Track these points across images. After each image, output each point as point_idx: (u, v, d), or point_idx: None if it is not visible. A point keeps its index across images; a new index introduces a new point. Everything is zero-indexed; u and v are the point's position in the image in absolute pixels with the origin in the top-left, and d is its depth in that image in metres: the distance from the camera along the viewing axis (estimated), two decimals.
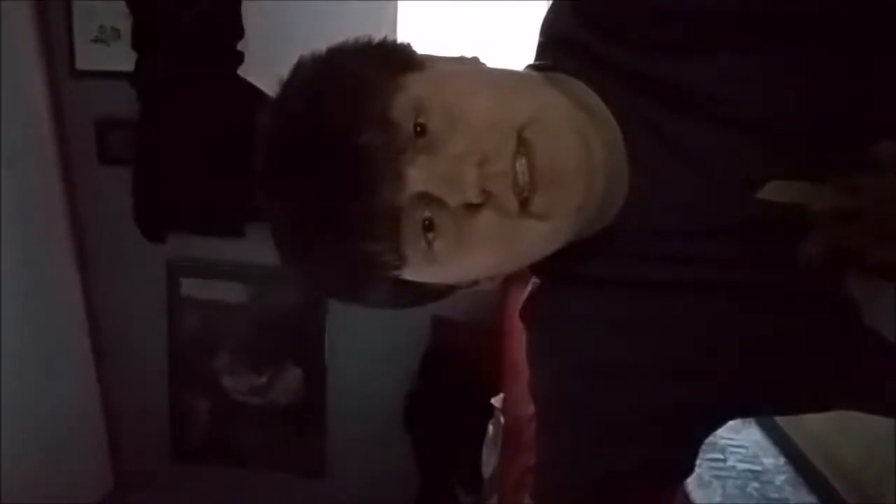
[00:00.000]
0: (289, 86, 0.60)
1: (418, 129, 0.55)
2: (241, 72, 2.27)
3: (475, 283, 0.65)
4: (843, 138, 0.56)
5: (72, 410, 2.50)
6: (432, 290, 0.64)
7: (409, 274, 0.59)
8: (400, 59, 0.60)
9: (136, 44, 2.30)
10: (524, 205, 0.54)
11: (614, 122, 0.60)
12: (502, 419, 1.74)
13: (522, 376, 1.62)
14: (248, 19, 2.25)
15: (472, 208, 0.54)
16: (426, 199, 0.55)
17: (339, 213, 0.55)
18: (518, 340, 1.76)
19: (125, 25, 2.29)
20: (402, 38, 0.64)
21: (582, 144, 0.55)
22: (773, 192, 0.57)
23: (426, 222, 0.55)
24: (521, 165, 0.53)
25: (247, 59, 2.27)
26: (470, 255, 0.57)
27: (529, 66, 0.67)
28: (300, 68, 0.60)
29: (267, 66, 2.37)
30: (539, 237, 0.57)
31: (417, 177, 0.54)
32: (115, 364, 2.64)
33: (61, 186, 2.44)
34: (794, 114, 0.56)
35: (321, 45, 0.61)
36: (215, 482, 2.63)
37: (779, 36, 0.56)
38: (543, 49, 0.67)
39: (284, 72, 0.61)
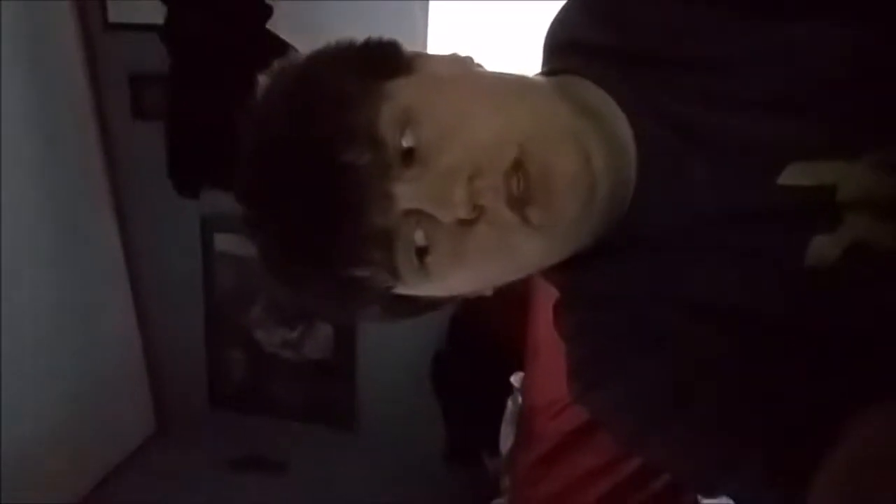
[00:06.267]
0: (268, 99, 0.58)
1: (405, 143, 0.52)
2: (269, 25, 2.22)
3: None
4: (881, 110, 0.50)
5: (114, 357, 2.60)
6: (429, 302, 0.62)
7: (403, 289, 0.57)
8: (385, 64, 0.56)
9: None
10: (522, 216, 0.51)
11: (624, 118, 0.56)
12: (520, 399, 1.73)
13: (542, 358, 1.60)
14: None
15: (467, 222, 0.52)
16: (417, 214, 0.52)
17: (326, 240, 0.53)
18: (542, 318, 1.73)
19: None
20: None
21: (580, 154, 0.52)
22: (794, 175, 0.51)
23: (418, 242, 0.53)
24: (514, 179, 0.50)
25: (276, 12, 2.21)
26: (467, 269, 0.55)
27: (536, 75, 0.63)
28: (279, 79, 0.58)
29: (296, 19, 2.33)
30: (538, 248, 0.55)
31: (406, 194, 0.52)
32: (154, 314, 2.71)
33: (97, 141, 2.46)
34: (827, 85, 0.51)
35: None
36: (251, 429, 2.72)
37: (809, 6, 0.51)
38: (551, 54, 0.64)
39: (313, 27, 0.58)
